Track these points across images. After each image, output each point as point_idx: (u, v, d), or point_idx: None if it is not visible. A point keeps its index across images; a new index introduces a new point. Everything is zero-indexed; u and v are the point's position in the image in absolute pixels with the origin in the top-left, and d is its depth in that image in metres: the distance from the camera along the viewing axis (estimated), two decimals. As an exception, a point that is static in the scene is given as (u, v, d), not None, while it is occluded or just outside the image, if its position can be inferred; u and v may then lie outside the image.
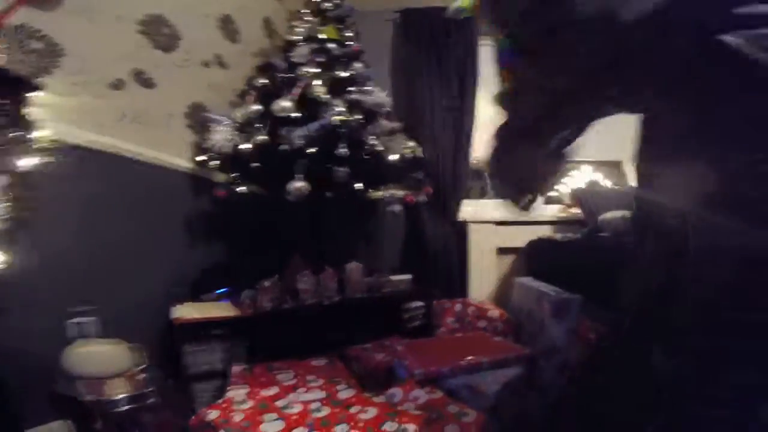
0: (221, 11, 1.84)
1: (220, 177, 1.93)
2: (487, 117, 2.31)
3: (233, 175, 1.87)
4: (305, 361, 1.55)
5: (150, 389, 1.20)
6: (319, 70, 1.76)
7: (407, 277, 1.92)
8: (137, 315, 1.46)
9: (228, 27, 1.89)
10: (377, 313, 1.80)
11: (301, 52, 1.77)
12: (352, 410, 1.16)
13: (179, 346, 1.48)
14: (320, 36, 1.84)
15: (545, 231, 2.17)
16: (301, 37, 1.84)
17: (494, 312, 1.74)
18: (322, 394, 1.26)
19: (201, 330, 1.50)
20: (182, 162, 1.81)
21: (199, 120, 1.84)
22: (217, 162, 1.77)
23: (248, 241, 2.00)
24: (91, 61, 1.37)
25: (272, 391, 1.28)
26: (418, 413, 1.12)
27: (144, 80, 1.58)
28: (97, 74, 1.41)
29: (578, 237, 1.92)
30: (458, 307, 1.86)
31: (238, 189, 1.85)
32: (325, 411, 1.16)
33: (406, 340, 1.62)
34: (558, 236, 2.06)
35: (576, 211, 2.16)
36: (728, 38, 0.53)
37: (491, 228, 2.20)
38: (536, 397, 1.34)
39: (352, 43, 1.90)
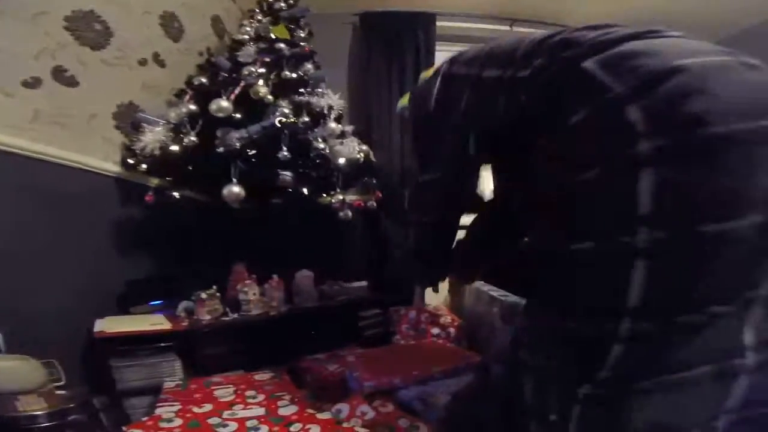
0: (164, 8, 1.75)
1: (153, 181, 1.82)
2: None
3: (166, 179, 1.77)
4: (247, 375, 1.46)
5: (71, 405, 1.11)
6: (264, 71, 1.70)
7: (362, 284, 1.86)
8: (56, 330, 1.35)
9: (171, 25, 1.79)
10: (331, 322, 1.74)
11: (248, 51, 1.70)
12: (293, 428, 1.08)
13: (104, 362, 1.37)
14: (270, 36, 1.77)
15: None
16: (248, 37, 1.78)
17: (447, 318, 1.72)
18: (261, 411, 1.17)
19: (129, 344, 1.39)
20: (108, 165, 1.69)
21: (130, 121, 1.73)
22: (148, 165, 1.65)
23: (184, 250, 1.89)
24: (3, 58, 1.26)
25: (206, 408, 1.18)
26: (365, 431, 1.07)
27: (65, 78, 1.47)
28: (10, 72, 1.30)
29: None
30: (412, 314, 1.82)
31: (172, 193, 1.75)
32: (263, 430, 1.07)
33: (360, 350, 1.57)
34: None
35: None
36: (587, 64, 0.55)
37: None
38: (488, 404, 1.31)
39: (303, 43, 1.85)
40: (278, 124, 1.57)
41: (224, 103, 1.58)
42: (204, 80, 1.71)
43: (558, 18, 2.71)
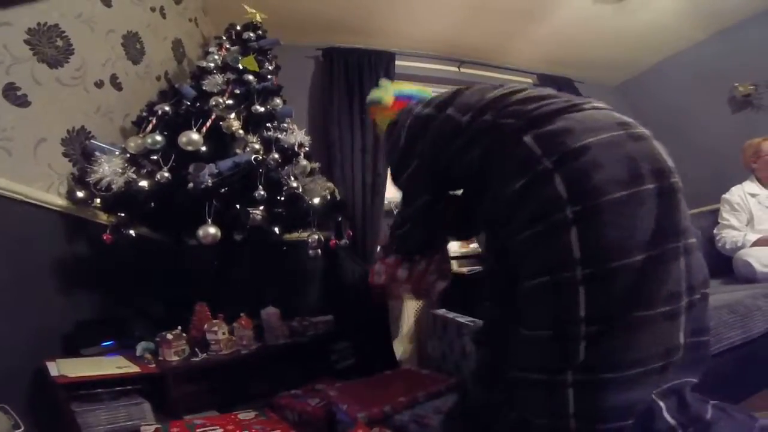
0: (129, 27, 1.77)
1: (102, 217, 1.79)
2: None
3: (120, 215, 1.74)
4: (228, 415, 1.52)
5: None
6: (232, 102, 1.79)
7: (328, 317, 2.01)
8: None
9: (133, 45, 1.82)
10: (301, 356, 1.85)
11: (215, 80, 1.79)
12: (314, 463, 1.20)
13: (64, 407, 1.35)
14: (239, 66, 1.87)
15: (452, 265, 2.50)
16: (214, 65, 1.86)
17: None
18: (269, 451, 1.27)
19: (91, 387, 1.40)
20: (51, 197, 1.61)
21: (80, 148, 1.71)
22: (102, 200, 1.63)
23: (128, 289, 1.88)
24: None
25: (209, 454, 1.25)
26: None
27: (17, 97, 1.44)
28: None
29: (481, 269, 2.28)
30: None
31: (129, 232, 1.75)
32: (283, 469, 1.18)
33: (338, 384, 1.71)
34: (464, 269, 2.40)
35: (475, 245, 2.57)
36: (527, 138, 0.82)
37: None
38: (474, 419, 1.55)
39: (271, 76, 1.98)
40: (254, 162, 1.68)
41: (194, 136, 1.63)
42: (167, 108, 1.74)
43: (501, 61, 3.23)
